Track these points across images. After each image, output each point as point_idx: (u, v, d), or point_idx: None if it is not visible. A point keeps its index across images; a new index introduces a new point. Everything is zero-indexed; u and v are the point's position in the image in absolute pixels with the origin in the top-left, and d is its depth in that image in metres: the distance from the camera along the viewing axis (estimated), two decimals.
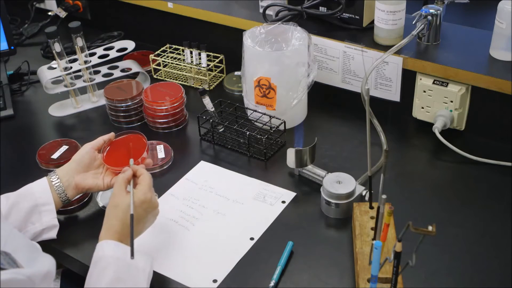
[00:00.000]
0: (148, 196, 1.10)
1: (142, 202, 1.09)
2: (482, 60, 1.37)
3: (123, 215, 1.06)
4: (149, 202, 1.10)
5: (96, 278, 1.01)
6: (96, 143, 1.24)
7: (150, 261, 1.07)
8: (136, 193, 1.09)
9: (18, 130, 1.57)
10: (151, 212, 1.12)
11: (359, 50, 1.46)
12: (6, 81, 1.72)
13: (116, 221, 1.06)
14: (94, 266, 1.02)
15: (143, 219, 1.10)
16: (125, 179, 1.12)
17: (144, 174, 1.14)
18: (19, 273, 0.90)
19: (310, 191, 1.29)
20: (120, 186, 1.11)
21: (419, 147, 1.42)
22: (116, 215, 1.07)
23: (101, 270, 1.01)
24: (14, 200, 1.16)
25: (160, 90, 1.52)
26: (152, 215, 1.13)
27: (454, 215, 1.21)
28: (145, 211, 1.10)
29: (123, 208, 1.07)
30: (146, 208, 1.10)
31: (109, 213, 1.08)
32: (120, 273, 1.01)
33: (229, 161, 1.40)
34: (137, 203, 1.08)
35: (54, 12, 1.97)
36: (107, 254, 1.02)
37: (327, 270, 1.11)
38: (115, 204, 1.08)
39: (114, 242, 1.04)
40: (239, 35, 1.44)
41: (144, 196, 1.09)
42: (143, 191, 1.10)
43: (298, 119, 1.50)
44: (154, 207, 1.13)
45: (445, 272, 1.09)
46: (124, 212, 1.07)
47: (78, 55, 1.57)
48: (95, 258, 1.03)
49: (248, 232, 1.20)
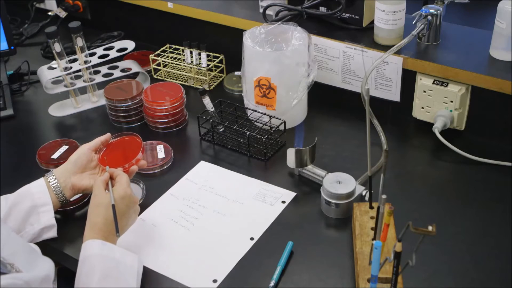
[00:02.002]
0: (128, 191, 1.13)
1: (122, 197, 1.11)
2: (482, 60, 1.37)
3: (106, 212, 1.08)
4: (129, 197, 1.13)
5: (85, 277, 1.01)
6: (93, 144, 1.25)
7: (137, 258, 1.08)
8: (116, 189, 1.12)
9: (18, 130, 1.57)
10: (132, 207, 1.14)
11: (359, 50, 1.46)
12: (6, 81, 1.72)
13: (99, 219, 1.08)
14: (82, 266, 1.03)
15: (126, 214, 1.12)
16: (103, 181, 1.15)
17: (121, 175, 1.17)
18: (17, 278, 0.90)
19: (310, 191, 1.29)
20: (99, 187, 1.13)
21: (419, 147, 1.42)
22: (99, 213, 1.09)
23: (89, 269, 1.02)
24: (13, 201, 1.16)
25: (160, 90, 1.52)
26: (134, 211, 1.15)
27: (454, 215, 1.21)
28: (127, 206, 1.12)
29: (105, 205, 1.09)
30: (127, 204, 1.12)
31: (91, 212, 1.10)
32: (109, 270, 1.02)
33: (229, 161, 1.40)
34: (118, 199, 1.11)
35: (54, 12, 1.97)
36: (94, 253, 1.03)
37: (327, 270, 1.11)
38: (97, 203, 1.11)
39: (100, 241, 1.05)
40: (239, 35, 1.44)
41: (124, 191, 1.12)
42: (122, 187, 1.13)
43: (298, 119, 1.50)
44: (135, 203, 1.16)
45: (445, 272, 1.09)
46: (106, 209, 1.09)
47: (78, 55, 1.57)
48: (82, 258, 1.04)
49: (248, 232, 1.20)
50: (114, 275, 1.02)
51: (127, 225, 1.14)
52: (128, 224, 1.15)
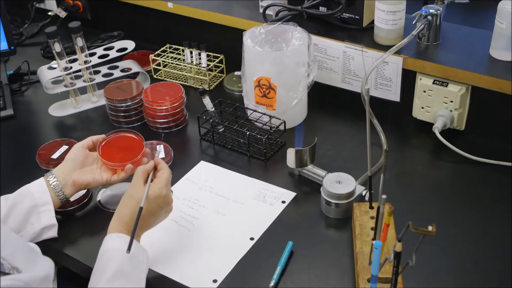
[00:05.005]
0: (164, 192, 1.10)
1: (156, 197, 1.09)
2: (482, 60, 1.37)
3: (136, 206, 1.07)
4: (164, 197, 1.11)
5: (100, 271, 1.02)
6: (86, 142, 1.26)
7: (147, 254, 1.08)
8: (153, 186, 1.10)
9: (18, 130, 1.57)
10: (164, 208, 1.12)
11: (359, 50, 1.46)
12: (6, 81, 1.72)
13: (127, 211, 1.07)
14: (99, 260, 1.03)
15: (155, 213, 1.11)
16: (145, 171, 1.13)
17: (164, 169, 1.14)
18: (17, 279, 0.90)
19: (310, 191, 1.29)
20: (139, 177, 1.11)
21: (419, 147, 1.42)
22: (129, 205, 1.08)
23: (104, 263, 1.02)
24: (13, 201, 1.16)
25: (160, 90, 1.52)
26: (165, 211, 1.13)
27: (454, 215, 1.21)
28: (159, 206, 1.10)
29: (137, 199, 1.08)
30: (160, 204, 1.10)
31: (123, 202, 1.09)
32: (123, 265, 1.02)
33: (229, 161, 1.40)
34: (152, 197, 1.09)
35: (54, 12, 1.97)
36: (110, 247, 1.03)
37: (327, 270, 1.11)
38: (131, 194, 1.09)
39: (118, 235, 1.05)
40: (239, 35, 1.44)
41: (159, 191, 1.10)
42: (160, 186, 1.10)
43: (298, 119, 1.50)
44: (168, 204, 1.13)
45: (445, 272, 1.09)
46: (137, 203, 1.07)
47: (78, 55, 1.57)
48: (100, 252, 1.04)
49: (248, 232, 1.20)
50: (128, 270, 1.02)
51: (154, 223, 1.12)
52: (156, 223, 1.13)
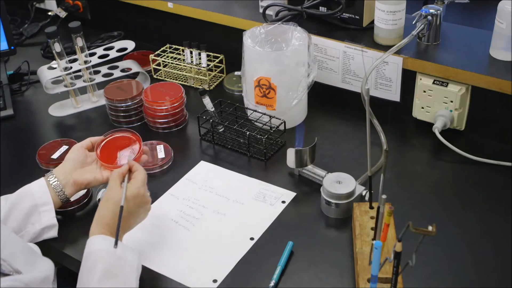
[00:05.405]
0: (141, 191, 1.12)
1: (134, 196, 1.11)
2: (482, 60, 1.37)
3: (115, 207, 1.08)
4: (142, 197, 1.13)
5: (88, 273, 1.02)
6: (85, 143, 1.27)
7: (137, 255, 1.08)
8: (130, 187, 1.12)
9: (18, 130, 1.57)
10: (143, 207, 1.14)
11: (359, 50, 1.46)
12: (6, 81, 1.72)
13: (107, 213, 1.08)
14: (85, 262, 1.03)
15: (135, 213, 1.12)
16: (120, 174, 1.15)
17: (139, 170, 1.16)
18: (17, 280, 0.90)
19: (310, 191, 1.29)
20: (115, 180, 1.13)
21: (419, 147, 1.42)
22: (108, 207, 1.09)
23: (91, 264, 1.02)
24: (13, 201, 1.16)
25: (160, 90, 1.52)
26: (144, 210, 1.15)
27: (454, 215, 1.21)
28: (137, 205, 1.12)
29: (115, 201, 1.09)
30: (138, 203, 1.12)
31: (101, 205, 1.10)
32: (110, 265, 1.02)
33: (229, 161, 1.40)
34: (130, 197, 1.10)
35: (54, 12, 1.97)
36: (96, 248, 1.04)
37: (327, 270, 1.11)
38: (109, 197, 1.11)
39: (102, 236, 1.05)
40: (239, 35, 1.44)
41: (137, 190, 1.12)
42: (137, 185, 1.12)
43: (298, 119, 1.50)
44: (146, 202, 1.15)
45: (445, 272, 1.09)
46: (116, 204, 1.09)
47: (78, 55, 1.57)
48: (85, 254, 1.04)
49: (248, 232, 1.20)
50: (115, 272, 1.02)
51: (134, 223, 1.14)
52: (136, 223, 1.14)
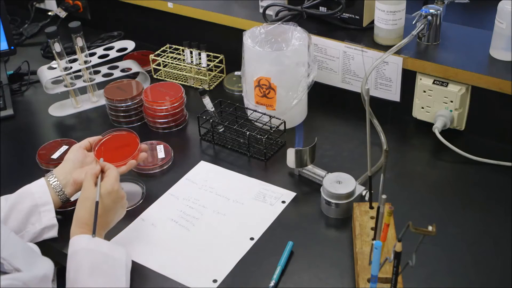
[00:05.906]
0: (115, 187, 1.14)
1: (109, 192, 1.12)
2: (482, 60, 1.37)
3: (91, 205, 1.09)
4: (116, 192, 1.14)
5: (74, 272, 1.02)
6: (83, 144, 1.28)
7: (125, 252, 1.09)
8: (103, 184, 1.13)
9: (18, 130, 1.57)
10: (119, 202, 1.15)
11: (359, 50, 1.46)
12: (6, 81, 1.72)
13: (85, 213, 1.09)
14: (70, 261, 1.04)
15: (112, 209, 1.13)
16: (93, 174, 1.15)
17: (111, 169, 1.18)
18: (16, 278, 0.91)
19: (310, 191, 1.29)
20: (88, 180, 1.14)
21: (419, 147, 1.42)
22: (85, 206, 1.10)
23: (77, 264, 1.03)
24: (13, 201, 1.16)
25: (160, 90, 1.52)
26: (121, 206, 1.16)
27: (454, 215, 1.21)
28: (113, 202, 1.13)
29: (91, 199, 1.10)
30: (114, 199, 1.13)
31: (78, 206, 1.12)
32: (97, 264, 1.03)
33: (229, 161, 1.40)
34: (105, 194, 1.12)
35: (54, 12, 1.97)
36: (81, 247, 1.04)
37: (327, 270, 1.11)
38: (85, 197, 1.12)
39: (87, 236, 1.06)
40: (239, 35, 1.44)
41: (111, 187, 1.13)
42: (110, 182, 1.14)
43: (298, 119, 1.50)
44: (122, 198, 1.16)
45: (445, 272, 1.09)
46: (92, 204, 1.10)
47: (78, 55, 1.57)
48: (70, 253, 1.05)
49: (248, 232, 1.20)
50: (103, 269, 1.03)
51: (113, 220, 1.15)
52: (115, 220, 1.16)
